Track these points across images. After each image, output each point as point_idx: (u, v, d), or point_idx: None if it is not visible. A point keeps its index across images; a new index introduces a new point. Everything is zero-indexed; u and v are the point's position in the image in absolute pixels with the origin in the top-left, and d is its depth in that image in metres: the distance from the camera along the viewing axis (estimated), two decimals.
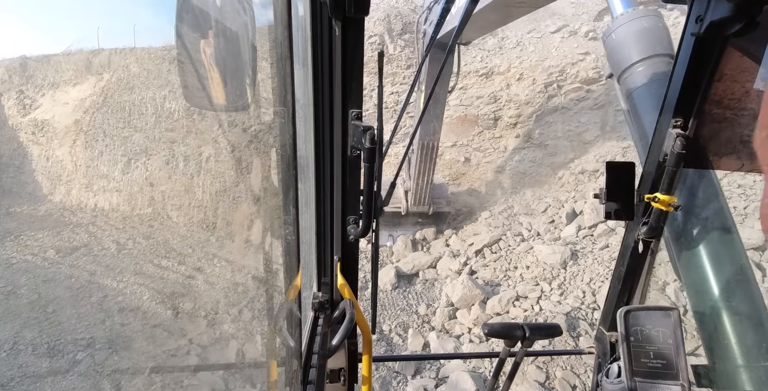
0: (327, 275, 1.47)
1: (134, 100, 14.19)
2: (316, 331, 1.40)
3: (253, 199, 9.03)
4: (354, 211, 1.36)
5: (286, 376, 1.30)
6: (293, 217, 1.26)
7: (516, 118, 14.11)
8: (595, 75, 13.96)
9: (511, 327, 1.74)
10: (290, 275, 1.30)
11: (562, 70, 14.14)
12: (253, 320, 6.90)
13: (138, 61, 16.27)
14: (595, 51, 14.43)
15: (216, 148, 11.82)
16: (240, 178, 10.90)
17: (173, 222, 11.60)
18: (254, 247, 8.12)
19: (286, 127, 1.18)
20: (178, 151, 12.33)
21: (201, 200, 11.62)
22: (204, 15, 0.88)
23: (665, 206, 1.49)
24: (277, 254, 1.34)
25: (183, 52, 0.81)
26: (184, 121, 12.67)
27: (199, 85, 0.87)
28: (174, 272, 9.03)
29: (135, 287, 8.15)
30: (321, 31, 1.13)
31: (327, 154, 1.29)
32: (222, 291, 8.67)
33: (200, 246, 10.41)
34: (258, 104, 1.25)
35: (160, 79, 14.45)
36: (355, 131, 1.21)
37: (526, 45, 15.51)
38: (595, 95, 13.94)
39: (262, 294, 2.09)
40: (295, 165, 1.23)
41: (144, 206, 12.64)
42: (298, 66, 1.17)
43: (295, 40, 1.11)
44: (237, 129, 12.30)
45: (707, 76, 1.43)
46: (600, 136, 12.72)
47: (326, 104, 1.22)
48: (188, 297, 8.22)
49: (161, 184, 12.48)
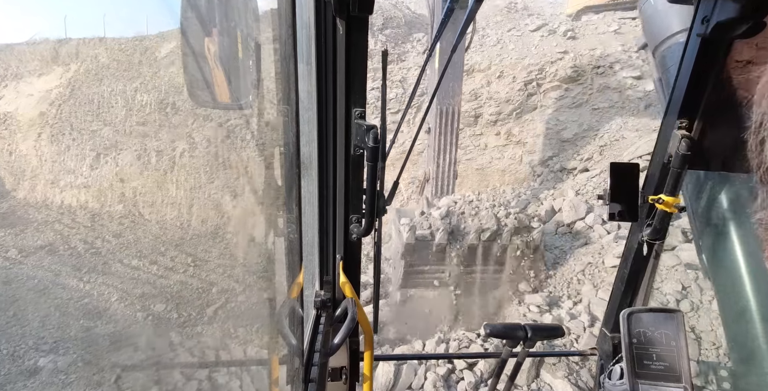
0: (329, 274, 1.47)
1: (103, 93, 13.61)
2: (318, 329, 1.40)
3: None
4: (357, 210, 1.37)
5: (287, 374, 1.30)
6: (296, 215, 1.25)
7: (496, 116, 14.17)
8: (574, 74, 14.13)
9: (512, 328, 1.75)
10: (292, 273, 1.29)
11: (542, 69, 14.27)
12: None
13: (108, 51, 15.64)
14: (573, 50, 14.60)
15: (190, 143, 11.44)
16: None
17: (145, 219, 11.19)
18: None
19: (289, 125, 1.17)
20: (150, 146, 11.88)
21: (175, 197, 11.24)
22: (209, 13, 0.88)
23: (670, 207, 1.48)
24: (280, 252, 1.33)
25: (187, 49, 0.81)
26: (156, 115, 12.22)
27: (203, 82, 0.87)
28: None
29: (103, 287, 7.80)
30: (325, 29, 1.13)
31: (330, 153, 1.28)
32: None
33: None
34: (262, 102, 1.22)
35: (132, 70, 13.90)
36: (358, 130, 1.21)
37: (506, 43, 15.57)
38: (573, 94, 14.12)
39: (264, 292, 2.02)
40: (298, 163, 1.22)
41: (114, 202, 12.14)
42: (302, 64, 1.17)
43: (298, 38, 1.12)
44: (213, 123, 11.95)
45: (713, 77, 1.41)
46: (578, 135, 12.89)
47: (329, 103, 1.21)
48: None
49: (132, 180, 12.01)
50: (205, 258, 9.63)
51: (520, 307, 7.43)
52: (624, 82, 13.40)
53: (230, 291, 8.52)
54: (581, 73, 14.23)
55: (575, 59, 14.31)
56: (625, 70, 13.71)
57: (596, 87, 13.87)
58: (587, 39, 15.25)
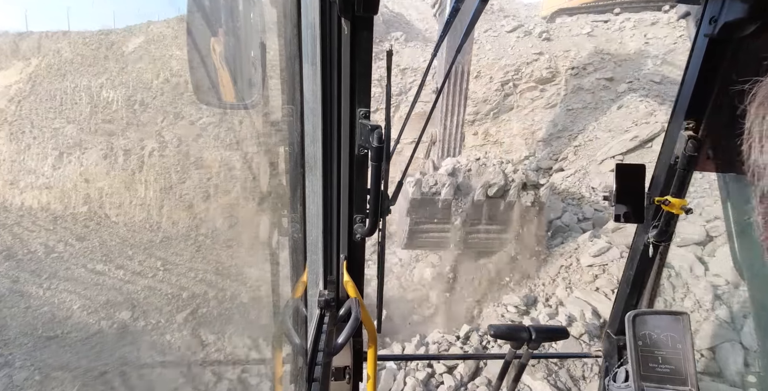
0: (333, 274, 1.49)
1: (66, 89, 12.96)
2: (322, 329, 1.41)
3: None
4: (361, 210, 1.38)
5: (291, 373, 1.32)
6: (300, 215, 1.26)
7: (474, 116, 14.24)
8: (549, 75, 14.34)
9: (517, 329, 1.75)
10: (296, 272, 1.32)
11: (518, 69, 14.42)
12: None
13: (71, 45, 14.91)
14: (548, 51, 14.81)
15: (160, 142, 11.00)
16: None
17: (112, 221, 10.69)
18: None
19: (294, 125, 1.18)
20: (117, 145, 11.37)
21: (143, 198, 10.79)
22: (214, 13, 0.89)
23: (676, 209, 1.46)
24: (284, 251, 1.33)
25: (193, 49, 0.82)
26: (123, 112, 11.71)
27: (209, 82, 0.88)
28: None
29: (64, 294, 7.37)
30: (330, 29, 1.14)
31: (335, 153, 1.30)
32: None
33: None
34: (267, 102, 1.19)
35: (97, 65, 13.29)
36: (362, 130, 1.22)
37: (483, 43, 15.67)
38: (548, 95, 14.33)
39: (268, 291, 1.93)
40: (302, 163, 1.23)
41: (78, 204, 11.56)
42: (307, 65, 1.16)
43: (304, 38, 1.12)
44: (184, 121, 11.53)
45: (720, 78, 1.40)
46: (553, 135, 13.08)
47: (334, 103, 1.22)
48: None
49: (98, 181, 11.47)
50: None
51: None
52: (597, 84, 13.68)
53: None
54: (556, 74, 14.45)
55: (550, 60, 14.52)
56: (597, 72, 14.00)
57: (570, 88, 14.12)
58: (561, 41, 15.51)
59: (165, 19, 14.01)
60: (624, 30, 15.69)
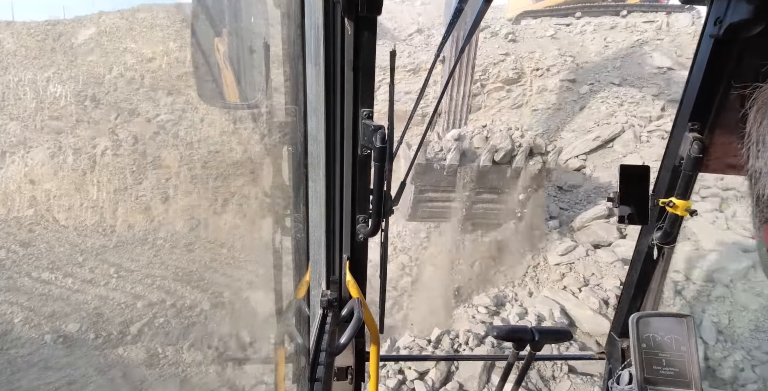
0: (336, 274, 1.50)
1: (9, 83, 12.00)
2: (325, 329, 1.42)
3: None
4: (364, 210, 1.39)
5: (293, 372, 1.32)
6: (303, 215, 1.26)
7: None
8: (515, 75, 14.57)
9: (519, 330, 1.74)
10: (299, 272, 1.31)
11: (485, 70, 14.56)
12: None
13: (15, 36, 13.84)
14: (514, 52, 15.04)
15: (114, 140, 10.36)
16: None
17: (60, 225, 9.97)
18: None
19: (297, 125, 1.17)
20: (66, 143, 10.62)
21: (95, 200, 10.13)
22: (218, 13, 0.89)
23: (680, 211, 1.45)
24: (287, 251, 1.33)
25: (198, 49, 0.84)
26: (73, 109, 10.95)
27: (213, 82, 0.88)
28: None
29: (4, 306, 6.78)
30: (333, 30, 1.14)
31: (338, 153, 1.30)
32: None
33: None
34: (270, 102, 1.18)
35: (43, 58, 12.38)
36: (365, 130, 1.22)
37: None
38: (514, 95, 14.56)
39: (271, 291, 1.82)
40: (305, 163, 1.22)
41: (23, 207, 10.73)
42: (310, 65, 1.16)
43: (307, 38, 1.11)
44: (140, 119, 10.92)
45: (725, 79, 1.39)
46: None
47: (338, 103, 1.22)
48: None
49: (45, 182, 10.68)
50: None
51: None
52: (560, 85, 14.01)
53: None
54: (522, 74, 14.70)
55: (516, 61, 14.76)
56: (561, 74, 14.35)
57: (535, 89, 14.40)
58: (527, 42, 15.80)
59: (119, 10, 13.23)
60: (585, 33, 16.16)
